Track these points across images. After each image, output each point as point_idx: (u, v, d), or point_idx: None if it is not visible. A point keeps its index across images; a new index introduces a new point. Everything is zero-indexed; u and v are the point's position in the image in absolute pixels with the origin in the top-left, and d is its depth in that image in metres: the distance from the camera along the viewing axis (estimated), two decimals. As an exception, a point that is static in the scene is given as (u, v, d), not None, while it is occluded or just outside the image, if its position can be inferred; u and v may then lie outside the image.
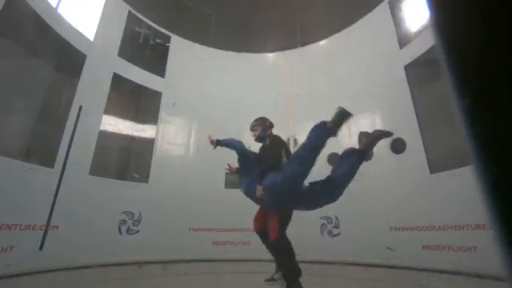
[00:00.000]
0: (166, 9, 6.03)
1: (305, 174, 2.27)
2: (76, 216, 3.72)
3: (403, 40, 4.55)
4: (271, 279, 3.11)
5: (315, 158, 2.26)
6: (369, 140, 2.29)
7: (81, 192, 3.87)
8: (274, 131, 3.09)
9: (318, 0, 6.22)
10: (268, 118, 3.15)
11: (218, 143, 3.06)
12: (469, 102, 0.30)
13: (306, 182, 2.35)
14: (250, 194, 2.62)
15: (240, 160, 2.89)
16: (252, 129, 3.02)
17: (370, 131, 2.42)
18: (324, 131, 2.20)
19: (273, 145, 2.69)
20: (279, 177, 2.29)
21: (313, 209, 2.54)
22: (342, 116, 2.19)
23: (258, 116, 3.15)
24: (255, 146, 3.05)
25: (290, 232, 4.77)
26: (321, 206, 2.43)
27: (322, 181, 2.33)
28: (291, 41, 6.34)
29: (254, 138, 2.99)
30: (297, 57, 6.19)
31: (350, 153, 2.30)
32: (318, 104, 5.47)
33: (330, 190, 2.27)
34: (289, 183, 2.24)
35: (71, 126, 3.88)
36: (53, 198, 3.52)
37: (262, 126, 2.96)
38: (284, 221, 2.87)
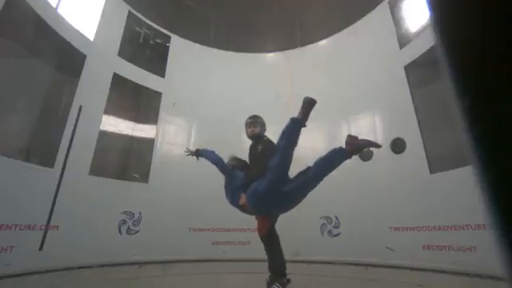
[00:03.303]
0: (166, 9, 6.03)
1: (283, 177, 2.28)
2: (76, 216, 3.72)
3: (403, 40, 4.55)
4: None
5: (291, 157, 2.31)
6: (355, 145, 2.33)
7: (81, 192, 3.87)
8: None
9: (317, 0, 6.22)
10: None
11: (196, 153, 2.99)
12: (469, 102, 0.30)
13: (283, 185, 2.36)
14: (234, 203, 2.61)
15: (222, 172, 2.81)
16: (251, 125, 2.81)
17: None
18: (296, 126, 2.26)
19: (265, 152, 2.51)
20: (259, 185, 2.30)
21: (292, 207, 2.54)
22: (309, 105, 2.25)
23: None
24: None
25: (291, 232, 4.79)
26: (298, 199, 2.44)
27: (299, 173, 2.39)
28: (291, 41, 6.34)
29: (250, 133, 2.79)
30: (297, 57, 6.19)
31: (336, 151, 2.36)
32: (318, 104, 5.47)
33: (307, 179, 2.31)
34: (269, 189, 2.25)
35: (71, 126, 3.89)
36: (53, 198, 3.52)
37: (261, 126, 2.81)
38: (273, 220, 2.89)
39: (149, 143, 5.11)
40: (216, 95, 5.83)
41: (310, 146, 5.38)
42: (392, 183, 4.11)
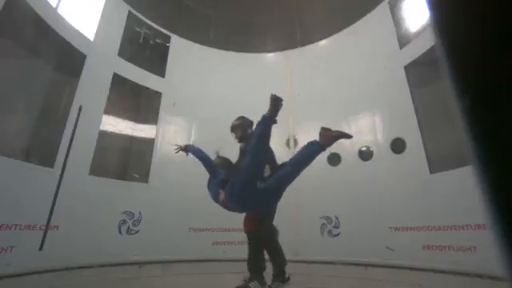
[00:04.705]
0: (166, 9, 6.03)
1: (255, 174, 2.28)
2: (76, 216, 3.72)
3: (403, 40, 4.55)
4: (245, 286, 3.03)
5: (263, 154, 2.31)
6: (328, 137, 2.35)
7: (81, 192, 3.87)
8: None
9: (317, 0, 6.22)
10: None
11: (186, 149, 3.02)
12: (469, 102, 0.30)
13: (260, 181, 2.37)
14: (215, 198, 2.63)
15: (207, 168, 2.85)
16: (232, 132, 2.90)
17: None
18: (265, 123, 2.24)
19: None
20: (234, 182, 2.32)
21: (271, 203, 2.56)
22: (274, 102, 2.24)
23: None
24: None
25: (291, 232, 4.79)
26: (275, 196, 2.44)
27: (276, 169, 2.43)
28: (291, 41, 6.34)
29: (236, 139, 2.88)
30: (297, 57, 6.19)
31: (310, 144, 2.38)
32: (318, 104, 5.48)
33: (284, 175, 2.32)
34: (242, 186, 2.26)
35: (71, 126, 3.88)
36: (53, 198, 3.52)
37: (243, 126, 2.85)
38: (263, 216, 2.86)
39: (149, 143, 5.10)
40: (216, 95, 5.83)
41: (310, 146, 5.38)
42: (392, 183, 4.11)
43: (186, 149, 3.06)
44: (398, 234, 3.89)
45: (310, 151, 2.35)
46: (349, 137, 2.34)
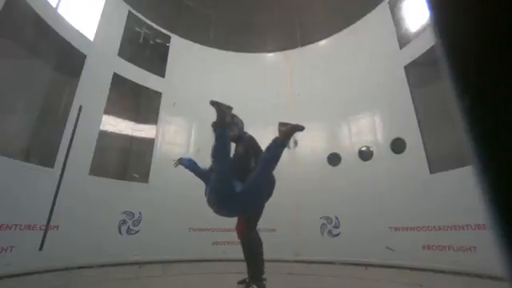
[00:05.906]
0: (166, 9, 6.03)
1: (224, 177, 2.32)
2: (76, 216, 3.72)
3: (403, 40, 4.55)
4: (244, 281, 3.05)
5: (227, 158, 2.36)
6: (284, 132, 2.40)
7: (81, 192, 3.87)
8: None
9: (318, 0, 6.22)
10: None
11: (180, 162, 3.13)
12: (469, 102, 0.30)
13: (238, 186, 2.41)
14: (209, 205, 2.66)
15: (200, 178, 2.92)
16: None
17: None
18: (218, 131, 2.37)
19: (247, 151, 2.62)
20: (211, 187, 2.39)
21: (255, 204, 2.59)
22: (219, 107, 2.38)
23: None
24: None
25: (291, 232, 4.78)
26: (256, 197, 2.47)
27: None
28: (291, 41, 6.34)
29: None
30: (297, 57, 6.19)
31: (273, 142, 2.43)
32: (318, 104, 5.48)
33: (257, 177, 2.37)
34: (215, 191, 2.33)
35: (71, 126, 3.88)
36: (53, 198, 3.52)
37: (236, 126, 2.87)
38: (253, 219, 2.86)
39: (149, 143, 5.10)
40: (216, 95, 5.75)
41: (311, 146, 5.38)
42: (392, 183, 4.11)
43: (180, 162, 3.16)
44: (397, 234, 3.89)
45: (273, 150, 2.39)
46: (301, 129, 2.39)
